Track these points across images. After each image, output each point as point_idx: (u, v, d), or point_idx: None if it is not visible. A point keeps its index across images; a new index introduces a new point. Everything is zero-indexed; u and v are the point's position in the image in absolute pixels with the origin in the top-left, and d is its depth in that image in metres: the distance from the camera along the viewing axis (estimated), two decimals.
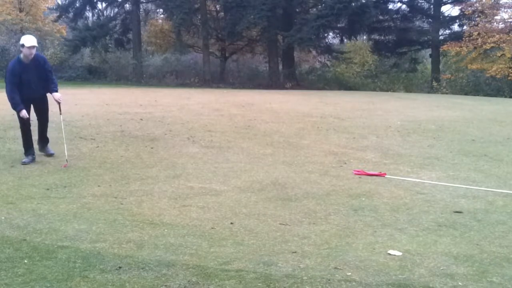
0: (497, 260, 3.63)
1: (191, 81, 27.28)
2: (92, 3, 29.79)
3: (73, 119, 9.34)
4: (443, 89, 24.26)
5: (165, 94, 16.34)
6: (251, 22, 24.07)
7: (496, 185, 6.08)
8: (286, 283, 3.11)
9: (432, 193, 5.60)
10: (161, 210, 4.72)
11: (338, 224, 4.45)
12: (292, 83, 26.13)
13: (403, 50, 29.04)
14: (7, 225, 4.10)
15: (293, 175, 6.28)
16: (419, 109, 13.04)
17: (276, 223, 4.43)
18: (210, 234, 4.07)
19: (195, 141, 8.12)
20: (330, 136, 8.97)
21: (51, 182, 5.58)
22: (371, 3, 23.68)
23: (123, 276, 3.16)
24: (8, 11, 27.89)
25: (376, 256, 3.64)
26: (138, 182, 5.75)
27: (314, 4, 26.88)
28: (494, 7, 24.01)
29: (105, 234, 3.96)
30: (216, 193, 5.38)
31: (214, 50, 28.98)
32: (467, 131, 9.86)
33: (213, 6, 28.53)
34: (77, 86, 21.42)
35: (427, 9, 29.03)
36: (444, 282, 3.19)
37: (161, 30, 30.48)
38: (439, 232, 4.26)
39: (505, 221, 4.61)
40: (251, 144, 8.13)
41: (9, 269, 3.20)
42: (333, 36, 30.77)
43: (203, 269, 3.30)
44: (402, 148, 8.20)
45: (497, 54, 23.12)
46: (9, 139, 7.68)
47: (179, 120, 9.96)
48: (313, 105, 13.39)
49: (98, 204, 4.82)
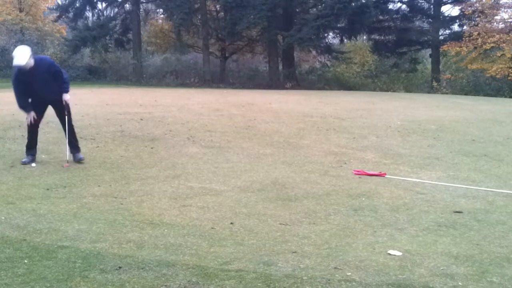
0: (497, 260, 3.63)
1: (191, 81, 27.28)
2: (92, 3, 29.78)
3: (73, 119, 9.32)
4: (443, 89, 24.27)
5: (165, 94, 16.34)
6: (251, 22, 24.07)
7: (496, 185, 6.08)
8: (286, 283, 3.11)
9: (432, 193, 5.60)
10: (161, 210, 4.72)
11: (338, 224, 4.45)
12: (292, 83, 26.13)
13: (403, 50, 29.05)
14: (7, 225, 4.10)
15: (293, 175, 6.28)
16: (419, 109, 13.04)
17: (276, 223, 4.43)
18: (210, 234, 4.07)
19: (195, 141, 8.12)
20: (330, 136, 8.97)
21: (51, 182, 5.58)
22: (371, 3, 23.68)
23: (123, 276, 3.16)
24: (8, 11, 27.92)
25: (376, 256, 3.64)
26: (138, 182, 5.75)
27: (314, 4, 26.87)
28: (494, 7, 24.02)
29: (105, 234, 3.96)
30: (216, 193, 5.38)
31: (214, 50, 28.98)
32: (467, 131, 9.86)
33: (213, 6, 28.53)
34: (77, 86, 21.37)
35: (427, 9, 29.03)
36: (444, 282, 3.19)
37: (161, 30, 30.49)
38: (439, 232, 4.26)
39: (505, 221, 4.61)
40: (251, 144, 8.13)
41: (9, 269, 3.20)
42: (333, 36, 30.78)
43: (203, 269, 3.29)
44: (402, 148, 8.20)
45: (497, 54, 23.12)
46: (9, 139, 7.67)
47: (179, 120, 9.95)
48: (313, 105, 13.39)
49: (98, 204, 4.82)
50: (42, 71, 6.26)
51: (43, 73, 6.27)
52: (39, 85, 6.28)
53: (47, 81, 6.32)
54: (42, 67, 6.29)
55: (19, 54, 6.11)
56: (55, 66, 6.58)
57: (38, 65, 6.26)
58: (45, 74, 6.30)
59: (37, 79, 6.25)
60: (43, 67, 6.31)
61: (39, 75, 6.24)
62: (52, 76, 6.39)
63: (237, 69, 30.25)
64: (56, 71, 6.46)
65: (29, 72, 6.18)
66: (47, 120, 9.05)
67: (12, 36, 27.96)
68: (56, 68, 6.52)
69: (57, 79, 6.44)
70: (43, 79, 6.28)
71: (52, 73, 6.40)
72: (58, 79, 6.45)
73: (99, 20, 30.26)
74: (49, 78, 6.35)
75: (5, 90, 16.21)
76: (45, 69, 6.32)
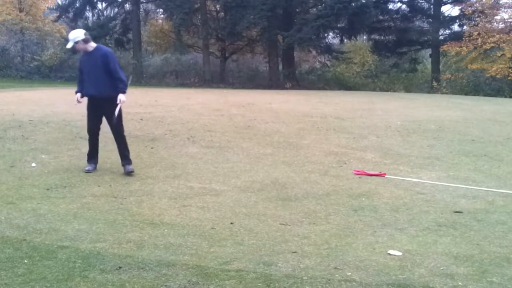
0: (497, 260, 3.63)
1: (191, 81, 27.28)
2: (92, 3, 29.78)
3: (73, 119, 9.33)
4: (443, 89, 24.26)
5: (165, 94, 16.34)
6: (251, 22, 24.07)
7: (496, 185, 6.08)
8: (286, 283, 3.11)
9: (432, 193, 5.60)
10: (161, 210, 4.72)
11: (338, 224, 4.45)
12: (292, 83, 26.13)
13: (403, 50, 29.06)
14: (7, 225, 4.10)
15: (293, 175, 6.28)
16: (419, 109, 13.03)
17: (276, 223, 4.43)
18: (210, 234, 4.07)
19: (195, 141, 8.12)
20: (330, 136, 8.97)
21: (51, 182, 5.58)
22: (371, 3, 23.68)
23: (123, 276, 3.16)
24: (8, 11, 27.90)
25: (376, 256, 3.64)
26: (138, 182, 5.75)
27: (314, 4, 26.87)
28: (494, 7, 24.01)
29: (105, 234, 3.96)
30: (216, 193, 5.38)
31: (214, 50, 28.99)
32: (467, 131, 9.86)
33: (213, 6, 28.53)
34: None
35: (427, 9, 29.05)
36: (444, 282, 3.19)
37: (161, 30, 30.49)
38: (439, 232, 4.26)
39: (505, 221, 4.61)
40: (251, 144, 8.13)
41: (9, 269, 3.20)
42: (333, 36, 30.81)
43: (203, 269, 3.30)
44: (402, 148, 8.20)
45: (497, 54, 23.12)
46: (9, 139, 7.67)
47: (179, 120, 9.95)
48: (313, 105, 13.39)
49: (98, 204, 4.82)
50: (97, 60, 5.85)
51: (97, 62, 5.84)
52: (89, 73, 5.89)
53: (98, 73, 5.84)
54: (98, 55, 5.89)
55: (71, 33, 5.99)
56: (112, 60, 5.90)
57: (97, 51, 5.93)
58: (98, 64, 5.83)
59: (90, 67, 5.89)
60: (99, 55, 5.88)
61: (94, 63, 5.86)
62: (103, 70, 5.84)
63: (237, 69, 30.25)
64: (111, 66, 5.84)
65: (88, 57, 5.92)
66: (47, 120, 9.08)
67: (12, 36, 27.98)
68: (113, 63, 5.88)
69: (111, 75, 5.86)
70: (95, 69, 5.84)
71: (105, 66, 5.83)
72: (112, 76, 5.86)
73: (99, 20, 30.28)
74: (100, 71, 5.84)
75: (5, 90, 16.23)
76: (101, 57, 5.86)
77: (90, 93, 5.98)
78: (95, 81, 5.88)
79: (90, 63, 5.93)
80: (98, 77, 5.87)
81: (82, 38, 5.90)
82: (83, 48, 5.96)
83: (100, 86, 5.86)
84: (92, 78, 5.90)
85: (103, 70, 5.84)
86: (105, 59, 5.86)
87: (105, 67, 5.84)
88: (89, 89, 5.96)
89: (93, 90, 5.91)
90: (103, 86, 5.86)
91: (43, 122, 8.90)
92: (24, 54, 28.14)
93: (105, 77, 5.86)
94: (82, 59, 6.12)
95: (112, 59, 5.92)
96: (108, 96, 5.87)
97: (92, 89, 5.92)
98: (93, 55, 5.93)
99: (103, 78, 5.86)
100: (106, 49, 6.15)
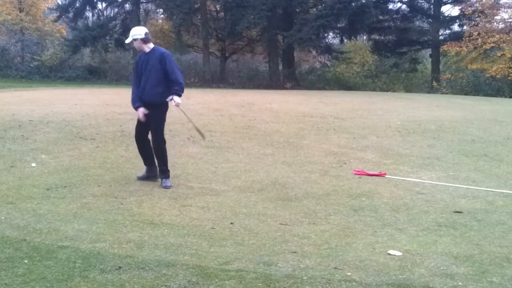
0: (497, 260, 3.63)
1: (191, 81, 27.25)
2: (92, 3, 29.77)
3: (73, 119, 9.34)
4: (443, 89, 24.27)
5: None
6: (251, 22, 24.08)
7: (496, 185, 6.08)
8: (286, 283, 3.11)
9: (432, 193, 5.60)
10: (161, 210, 4.72)
11: (338, 224, 4.45)
12: (292, 83, 26.14)
13: (403, 50, 29.07)
14: (7, 225, 4.10)
15: (293, 175, 6.28)
16: (419, 109, 13.04)
17: (276, 223, 4.43)
18: (210, 234, 4.07)
19: (195, 141, 8.12)
20: (330, 136, 8.97)
21: (51, 182, 5.58)
22: (371, 3, 23.70)
23: (123, 276, 3.16)
24: (8, 11, 27.92)
25: (376, 256, 3.64)
26: (138, 182, 5.75)
27: (314, 4, 26.89)
28: (494, 7, 24.03)
29: (105, 234, 3.96)
30: (216, 193, 5.38)
31: (214, 50, 28.99)
32: (467, 131, 9.86)
33: (213, 6, 28.54)
34: (77, 86, 21.41)
35: (427, 9, 29.06)
36: (444, 282, 3.19)
37: (161, 30, 30.47)
38: (439, 232, 4.26)
39: (505, 221, 4.61)
40: (251, 144, 8.13)
41: (9, 269, 3.20)
42: (333, 36, 30.79)
43: (203, 269, 3.30)
44: (402, 148, 8.20)
45: (497, 54, 23.13)
46: (9, 139, 7.67)
47: (179, 120, 9.94)
48: (313, 105, 13.39)
49: (98, 204, 4.82)
50: (153, 62, 5.48)
51: (153, 64, 5.47)
52: (145, 76, 5.53)
53: (153, 77, 5.48)
54: (154, 57, 5.50)
55: (132, 30, 5.63)
56: (169, 62, 5.48)
57: (154, 53, 5.54)
58: (154, 66, 5.46)
59: (146, 69, 5.52)
60: (155, 57, 5.49)
61: (150, 65, 5.49)
62: (157, 73, 5.47)
63: (237, 69, 30.26)
64: (167, 69, 5.44)
65: (146, 58, 5.55)
66: (47, 120, 9.09)
67: (12, 36, 27.98)
68: (169, 65, 5.46)
69: (166, 74, 5.47)
70: (149, 72, 5.49)
71: (160, 69, 5.45)
72: (168, 75, 5.46)
73: (99, 20, 30.24)
74: (153, 74, 5.48)
75: (5, 90, 16.23)
76: (157, 59, 5.47)
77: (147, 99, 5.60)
78: (150, 85, 5.53)
79: (146, 66, 5.56)
80: (152, 80, 5.51)
81: (142, 37, 5.52)
82: (140, 47, 5.59)
83: (153, 90, 5.51)
84: (147, 81, 5.54)
85: (159, 73, 5.48)
86: (163, 60, 5.47)
87: (162, 69, 5.47)
88: (145, 94, 5.58)
89: (148, 95, 5.57)
90: (156, 91, 5.50)
91: (43, 122, 8.90)
92: (24, 54, 28.15)
93: (160, 81, 5.49)
94: (138, 61, 5.72)
95: (169, 59, 5.50)
96: (157, 102, 5.54)
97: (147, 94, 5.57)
98: (150, 57, 5.56)
99: (157, 82, 5.49)
100: (164, 50, 5.70)
